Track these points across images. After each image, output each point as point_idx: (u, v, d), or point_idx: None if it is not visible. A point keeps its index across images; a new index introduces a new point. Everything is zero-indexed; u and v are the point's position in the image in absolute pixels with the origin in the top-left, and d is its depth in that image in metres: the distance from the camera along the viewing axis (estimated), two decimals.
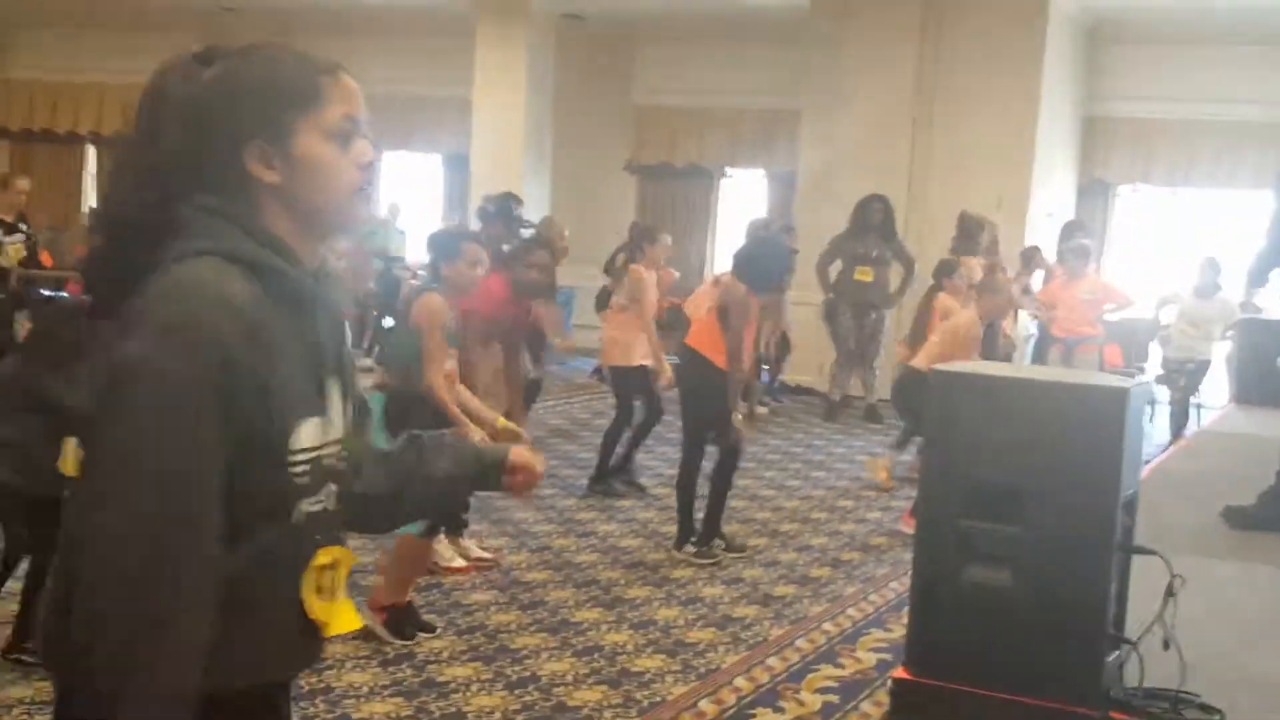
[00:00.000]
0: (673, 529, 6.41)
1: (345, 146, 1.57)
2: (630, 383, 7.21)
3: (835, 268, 10.46)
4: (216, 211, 1.54)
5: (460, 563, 5.47)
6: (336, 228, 1.62)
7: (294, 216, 1.57)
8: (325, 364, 1.60)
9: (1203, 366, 9.65)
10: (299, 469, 1.55)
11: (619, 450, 7.33)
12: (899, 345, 9.09)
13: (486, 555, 5.72)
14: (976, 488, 3.61)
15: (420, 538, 4.59)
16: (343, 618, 1.66)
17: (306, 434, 1.55)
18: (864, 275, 10.28)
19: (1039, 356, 9.52)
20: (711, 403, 5.86)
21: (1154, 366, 10.27)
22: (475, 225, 8.72)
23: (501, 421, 4.64)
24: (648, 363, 7.12)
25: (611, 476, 7.23)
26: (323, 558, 1.61)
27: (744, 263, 5.95)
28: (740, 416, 6.00)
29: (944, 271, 8.29)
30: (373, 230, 12.65)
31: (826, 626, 5.11)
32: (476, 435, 4.42)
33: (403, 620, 4.61)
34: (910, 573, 3.86)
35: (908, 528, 6.47)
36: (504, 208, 8.30)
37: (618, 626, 4.95)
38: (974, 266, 8.60)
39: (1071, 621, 3.49)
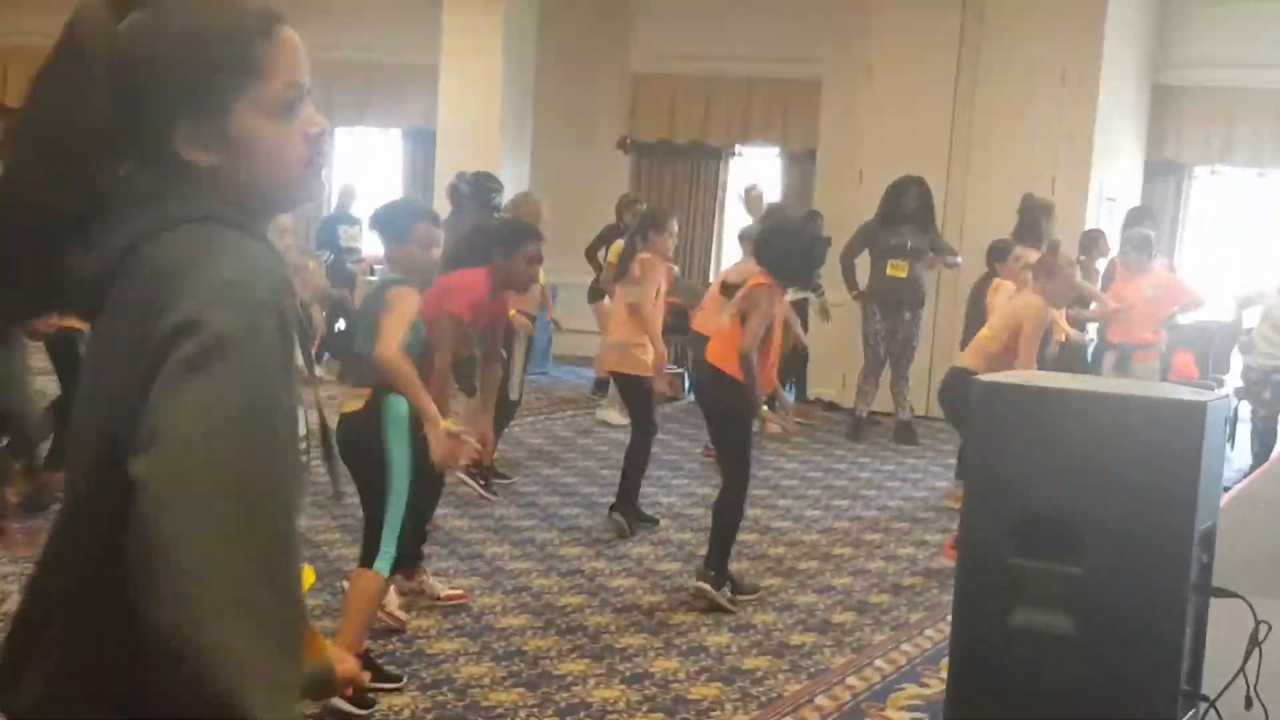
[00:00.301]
0: (670, 566, 6.39)
1: (289, 118, 1.58)
2: (643, 396, 7.17)
3: (862, 262, 10.47)
4: (158, 193, 1.55)
5: (401, 615, 5.34)
6: (283, 208, 1.66)
7: (235, 199, 1.58)
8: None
9: None
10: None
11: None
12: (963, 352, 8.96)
13: (456, 593, 5.71)
14: (1028, 520, 3.60)
15: (387, 575, 4.57)
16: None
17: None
18: (897, 270, 10.28)
19: (1094, 365, 9.52)
20: (746, 421, 5.87)
21: (1234, 378, 10.28)
22: (445, 207, 8.71)
23: (449, 424, 4.62)
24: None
25: (626, 509, 7.12)
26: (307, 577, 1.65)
27: (769, 251, 5.93)
28: (772, 425, 5.93)
29: (998, 256, 8.25)
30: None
31: (851, 681, 5.12)
32: (439, 432, 4.51)
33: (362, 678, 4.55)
34: (950, 618, 3.84)
35: (949, 559, 6.52)
36: (480, 188, 8.28)
37: (607, 680, 4.94)
38: (1032, 256, 8.59)
39: (1140, 675, 3.48)
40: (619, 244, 8.49)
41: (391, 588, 5.11)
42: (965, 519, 3.80)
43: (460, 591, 5.74)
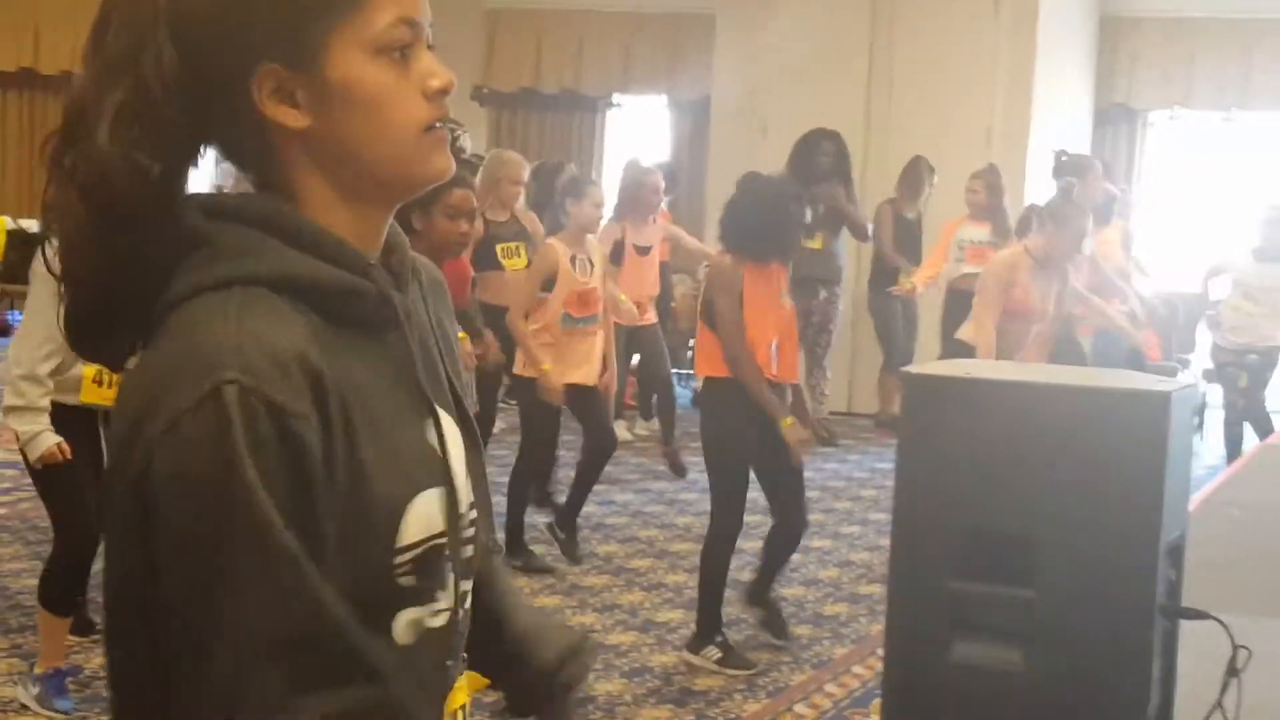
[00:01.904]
0: (642, 563, 6.44)
1: (403, 66, 1.45)
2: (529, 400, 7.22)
3: None
4: (232, 211, 1.41)
5: None
6: (402, 191, 1.49)
7: (338, 180, 1.45)
8: (431, 400, 1.49)
9: (1270, 355, 9.67)
10: (404, 566, 1.43)
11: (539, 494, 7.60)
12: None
13: None
14: (969, 536, 3.65)
15: None
16: None
17: (422, 513, 1.45)
18: (810, 241, 10.37)
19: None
20: (742, 436, 5.80)
21: (1203, 359, 10.51)
22: None
23: None
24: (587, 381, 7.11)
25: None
26: (459, 696, 1.54)
27: (729, 220, 5.94)
28: (792, 430, 5.86)
29: (1028, 226, 8.16)
30: None
31: None
32: None
33: None
34: (881, 653, 3.90)
35: None
36: None
37: (606, 675, 5.02)
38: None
39: (1103, 713, 3.55)
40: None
41: None
42: (896, 536, 3.85)
43: None
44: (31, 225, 11.44)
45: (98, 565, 5.97)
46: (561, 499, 7.53)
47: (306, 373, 1.34)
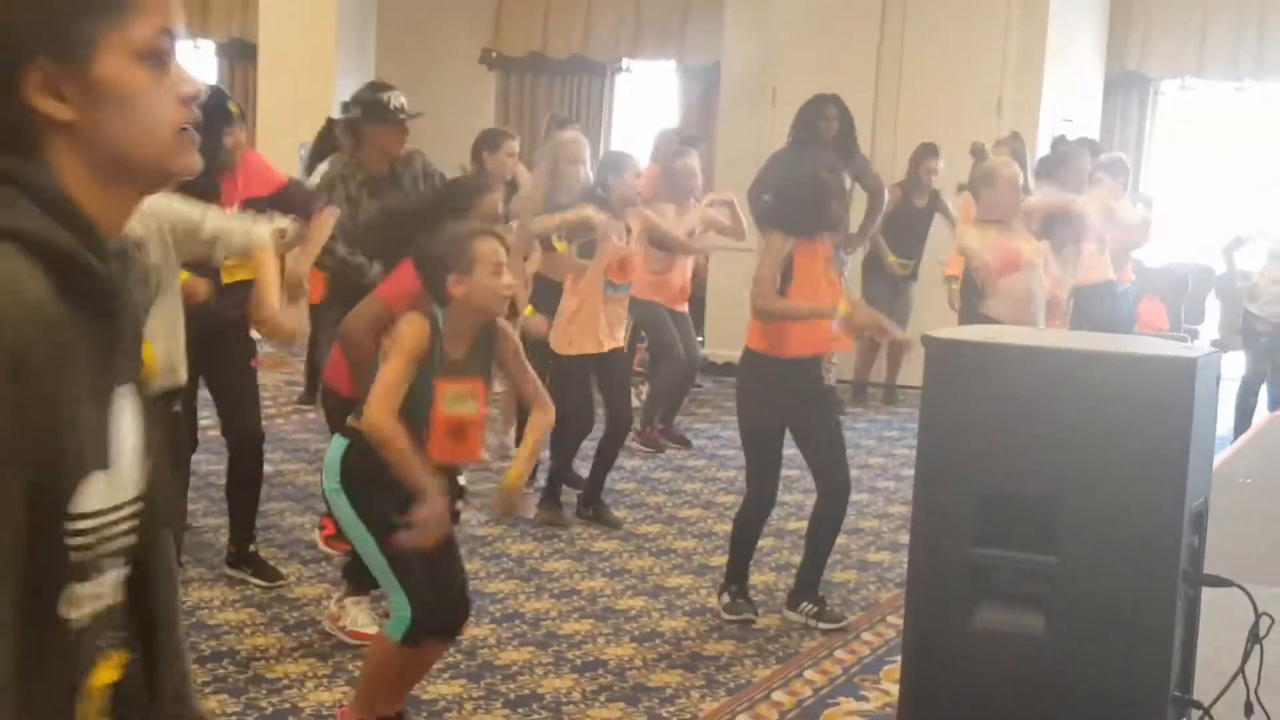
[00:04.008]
0: (607, 545, 6.54)
1: (161, 71, 1.58)
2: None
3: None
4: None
5: (373, 629, 5.34)
6: (153, 182, 1.62)
7: (96, 168, 1.56)
8: (122, 385, 1.59)
9: None
10: (76, 540, 1.53)
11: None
12: None
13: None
14: (990, 502, 3.65)
15: (400, 643, 4.37)
16: None
17: (93, 491, 1.53)
18: None
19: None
20: (777, 409, 5.85)
21: (1210, 329, 10.50)
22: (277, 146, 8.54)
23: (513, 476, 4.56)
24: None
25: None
26: (106, 673, 1.60)
27: (769, 199, 5.96)
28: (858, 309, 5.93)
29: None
30: None
31: (778, 696, 5.24)
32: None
33: None
34: (889, 619, 3.90)
35: None
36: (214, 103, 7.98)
37: (555, 669, 5.27)
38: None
39: (1124, 679, 3.55)
40: None
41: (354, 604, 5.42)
42: (917, 503, 3.84)
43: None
44: None
45: None
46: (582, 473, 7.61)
47: (45, 314, 1.46)
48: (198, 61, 14.88)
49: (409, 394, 4.27)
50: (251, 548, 6.15)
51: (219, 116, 6.17)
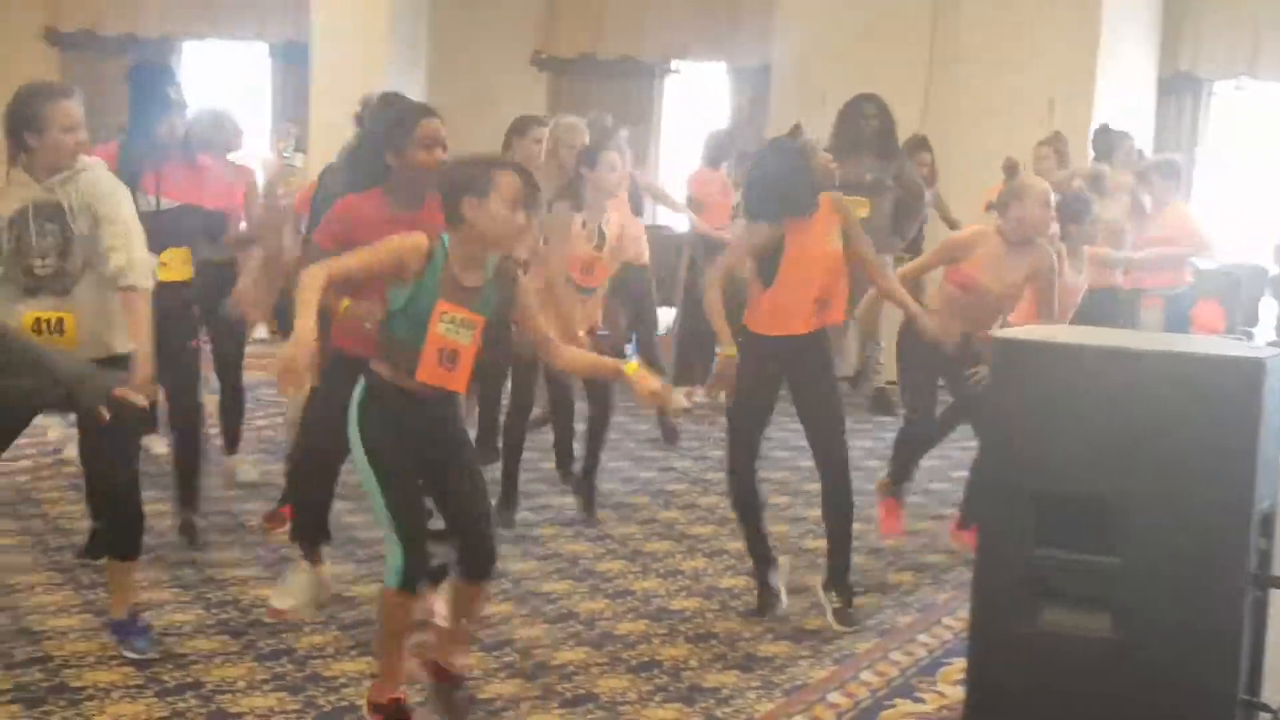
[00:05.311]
0: (659, 545, 6.61)
1: None
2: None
3: None
4: None
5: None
6: None
7: None
8: None
9: None
10: None
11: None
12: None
13: None
14: (1055, 503, 3.63)
15: (398, 589, 4.50)
16: None
17: None
18: (857, 209, 10.23)
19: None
20: (752, 384, 5.93)
21: (1264, 331, 10.42)
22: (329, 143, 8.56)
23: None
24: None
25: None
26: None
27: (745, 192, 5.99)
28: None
29: (1069, 217, 8.03)
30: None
31: (834, 698, 5.18)
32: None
33: None
34: (945, 621, 3.88)
35: (959, 544, 6.88)
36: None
37: (611, 669, 5.30)
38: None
39: (1191, 683, 3.52)
40: None
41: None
42: (982, 504, 3.82)
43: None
44: None
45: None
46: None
47: None
48: (251, 63, 14.96)
49: (408, 304, 4.39)
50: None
51: (155, 101, 6.27)
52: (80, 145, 5.01)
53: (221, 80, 14.95)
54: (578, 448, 7.77)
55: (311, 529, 5.79)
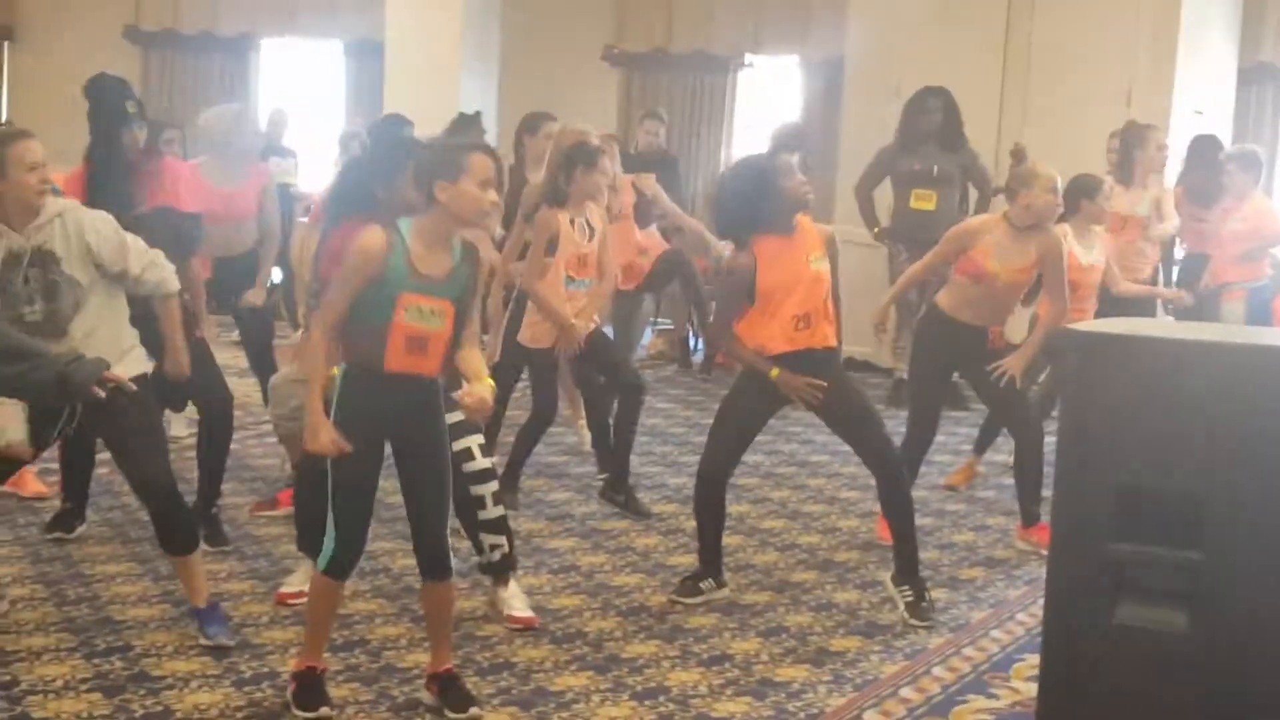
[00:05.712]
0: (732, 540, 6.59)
1: None
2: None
3: (884, 192, 10.40)
4: None
5: (528, 613, 5.64)
6: None
7: None
8: None
9: None
10: None
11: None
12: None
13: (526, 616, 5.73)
14: (1134, 496, 3.59)
15: (324, 573, 4.65)
16: None
17: None
18: (923, 202, 10.17)
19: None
20: (744, 398, 5.95)
21: None
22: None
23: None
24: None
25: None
26: None
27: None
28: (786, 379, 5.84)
29: (1082, 192, 7.95)
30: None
31: (906, 693, 5.16)
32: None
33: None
34: (1018, 616, 3.85)
35: (1026, 541, 6.92)
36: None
37: (683, 663, 5.33)
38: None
39: (1272, 678, 3.47)
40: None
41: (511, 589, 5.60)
42: (1058, 496, 3.79)
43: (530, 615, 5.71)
44: None
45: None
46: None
47: None
48: (326, 61, 15.07)
49: (366, 304, 4.43)
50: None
51: (114, 116, 6.48)
52: (46, 183, 5.13)
53: (297, 78, 15.09)
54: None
55: (318, 540, 5.87)
